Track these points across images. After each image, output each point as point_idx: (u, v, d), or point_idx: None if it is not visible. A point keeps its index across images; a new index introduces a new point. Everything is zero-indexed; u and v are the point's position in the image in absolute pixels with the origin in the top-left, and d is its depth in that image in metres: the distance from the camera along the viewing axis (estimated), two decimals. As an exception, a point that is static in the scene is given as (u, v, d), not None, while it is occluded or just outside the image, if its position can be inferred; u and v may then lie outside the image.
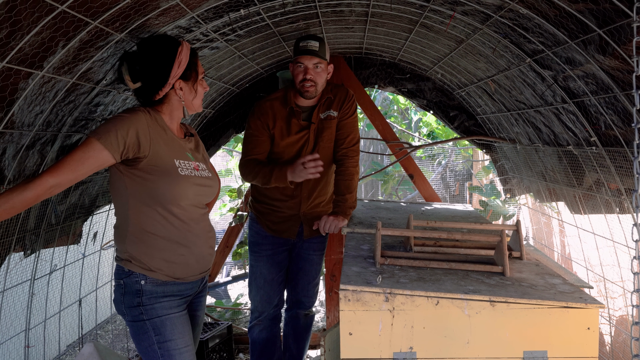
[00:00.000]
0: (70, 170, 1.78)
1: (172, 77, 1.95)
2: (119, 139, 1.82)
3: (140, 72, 1.95)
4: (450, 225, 2.36)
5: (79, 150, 1.80)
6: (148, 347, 1.95)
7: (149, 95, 1.98)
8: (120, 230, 1.98)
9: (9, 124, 1.88)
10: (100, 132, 1.82)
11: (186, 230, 1.99)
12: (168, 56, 1.95)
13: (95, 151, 1.80)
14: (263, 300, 3.01)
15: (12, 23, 1.51)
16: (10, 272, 2.53)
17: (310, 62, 2.69)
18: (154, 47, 1.97)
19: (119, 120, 1.85)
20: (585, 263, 3.64)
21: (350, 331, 1.79)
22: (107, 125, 1.84)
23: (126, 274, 1.95)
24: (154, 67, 1.94)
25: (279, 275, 3.01)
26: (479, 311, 1.77)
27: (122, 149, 1.84)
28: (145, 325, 1.94)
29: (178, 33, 2.38)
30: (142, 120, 1.89)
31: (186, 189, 1.96)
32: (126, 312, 1.97)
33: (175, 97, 2.00)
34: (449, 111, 4.12)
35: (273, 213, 2.92)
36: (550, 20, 2.04)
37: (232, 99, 4.05)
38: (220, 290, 5.91)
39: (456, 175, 9.20)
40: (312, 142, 2.84)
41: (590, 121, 2.43)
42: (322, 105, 2.82)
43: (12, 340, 2.93)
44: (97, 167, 1.84)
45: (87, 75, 2.11)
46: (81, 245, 3.25)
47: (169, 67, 1.94)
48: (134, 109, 1.93)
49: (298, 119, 2.79)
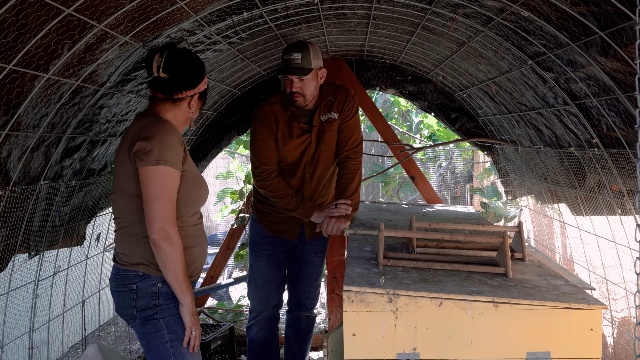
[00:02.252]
0: (172, 204, 1.93)
1: (199, 88, 2.12)
2: (178, 154, 1.95)
3: (176, 68, 2.05)
4: (453, 227, 2.37)
5: (162, 184, 1.90)
6: (160, 346, 1.97)
7: (171, 90, 2.05)
8: (132, 235, 2.00)
9: (15, 126, 1.90)
10: (163, 156, 1.90)
11: (196, 230, 2.09)
12: (202, 70, 2.14)
13: (175, 176, 1.93)
14: (261, 300, 3.00)
15: (19, 26, 1.53)
16: (14, 273, 2.54)
17: (294, 76, 2.66)
18: (195, 58, 2.15)
19: (170, 138, 1.93)
20: (587, 264, 3.64)
21: (353, 332, 1.80)
22: (162, 145, 1.90)
23: (140, 278, 1.97)
24: (191, 71, 2.09)
25: (278, 276, 3.00)
26: (482, 312, 1.77)
27: (182, 161, 1.98)
28: (159, 324, 1.97)
29: (182, 36, 2.39)
30: (177, 132, 2.00)
31: (206, 193, 2.12)
32: (138, 314, 1.98)
33: (185, 106, 2.11)
34: (450, 113, 4.13)
35: (274, 214, 2.92)
36: (552, 22, 2.05)
37: (234, 101, 4.06)
38: (222, 292, 5.91)
39: (457, 177, 9.20)
40: (314, 145, 2.83)
41: (592, 123, 2.44)
42: (323, 108, 2.81)
43: (17, 341, 2.94)
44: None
45: (92, 78, 2.13)
46: (84, 247, 3.26)
47: (200, 78, 2.12)
48: (166, 121, 2.01)
49: (299, 122, 2.78)
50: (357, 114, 2.91)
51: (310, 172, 2.84)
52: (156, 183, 1.88)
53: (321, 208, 2.77)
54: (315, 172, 2.84)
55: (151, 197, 1.88)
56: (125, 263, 2.00)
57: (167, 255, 1.89)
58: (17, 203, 2.19)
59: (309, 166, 2.83)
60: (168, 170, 1.89)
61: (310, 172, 2.84)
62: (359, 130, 2.90)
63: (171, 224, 1.90)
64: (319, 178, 2.88)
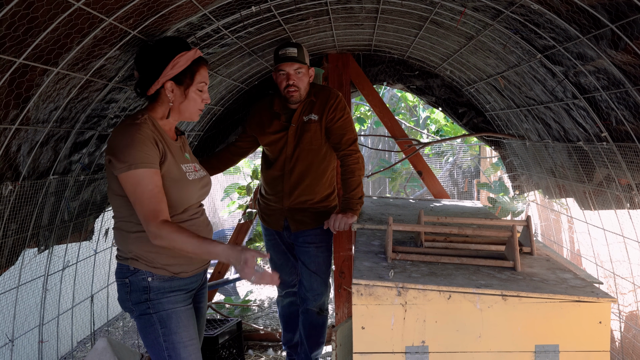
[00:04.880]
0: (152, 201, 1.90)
1: (163, 75, 2.01)
2: (150, 152, 1.92)
3: (140, 64, 2.05)
4: (461, 221, 2.37)
5: (135, 187, 1.89)
6: (154, 340, 2.00)
7: (143, 88, 2.06)
8: (123, 231, 2.04)
9: (25, 121, 1.90)
10: (132, 160, 1.88)
11: (189, 226, 2.06)
12: (165, 55, 2.01)
13: (147, 175, 1.91)
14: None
15: (29, 20, 1.53)
16: (24, 267, 2.56)
17: (291, 68, 2.89)
18: (157, 45, 2.05)
19: (136, 141, 1.91)
20: (595, 259, 3.63)
21: (362, 325, 1.80)
22: (128, 150, 1.89)
23: (131, 272, 2.01)
24: (149, 62, 2.03)
25: (283, 260, 3.28)
26: (491, 305, 1.77)
27: (159, 158, 1.96)
28: (152, 318, 2.00)
29: (189, 30, 2.39)
30: (148, 132, 1.96)
31: (194, 193, 2.08)
32: (134, 308, 2.02)
33: (165, 98, 2.05)
34: (458, 108, 4.11)
35: (266, 206, 3.19)
36: (562, 15, 2.04)
37: (241, 96, 4.06)
38: (230, 287, 5.93)
39: (464, 172, 9.18)
40: (293, 144, 3.01)
41: (601, 117, 2.42)
42: (304, 108, 2.99)
43: (27, 335, 2.96)
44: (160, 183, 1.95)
45: (101, 72, 2.13)
46: (93, 242, 3.28)
47: (162, 65, 2.00)
48: (135, 123, 1.97)
49: (279, 119, 3.03)
50: (346, 113, 3.00)
51: (289, 168, 3.04)
52: (131, 188, 1.91)
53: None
54: (295, 169, 3.03)
55: (133, 202, 1.92)
56: (120, 257, 2.06)
57: (172, 245, 1.89)
58: (26, 197, 2.20)
59: (289, 162, 3.04)
60: (138, 173, 1.89)
61: (289, 168, 3.04)
62: (350, 129, 3.01)
63: (154, 221, 1.89)
64: (300, 175, 3.04)
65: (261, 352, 4.17)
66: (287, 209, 3.09)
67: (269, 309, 5.54)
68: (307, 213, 3.08)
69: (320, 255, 3.14)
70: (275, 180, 3.08)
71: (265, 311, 5.48)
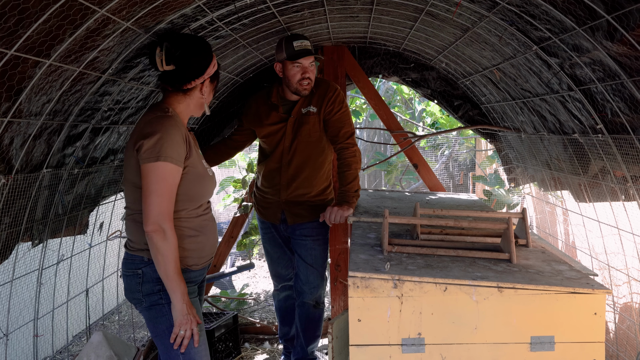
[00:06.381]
0: (169, 199, 1.93)
1: (207, 73, 2.09)
2: (180, 150, 1.94)
3: (178, 58, 2.04)
4: (457, 214, 2.37)
5: (159, 179, 1.90)
6: (165, 330, 2.01)
7: (179, 81, 2.05)
8: (137, 223, 2.04)
9: (17, 113, 1.89)
10: (163, 152, 1.90)
11: (202, 220, 2.11)
12: (208, 53, 2.10)
13: (174, 172, 1.93)
14: (274, 274, 3.40)
15: (20, 11, 1.51)
16: (18, 261, 2.55)
17: (307, 62, 2.90)
18: (198, 42, 2.10)
19: (171, 134, 1.93)
20: (590, 251, 3.64)
21: (359, 317, 1.80)
22: (164, 142, 1.91)
23: (145, 263, 2.02)
24: (195, 57, 2.06)
25: (279, 253, 3.30)
26: (487, 297, 1.78)
27: (184, 158, 1.98)
28: (164, 308, 2.01)
29: (183, 22, 2.37)
30: (180, 126, 2.00)
31: (212, 188, 2.15)
32: (144, 299, 2.02)
33: (198, 94, 2.10)
34: (453, 100, 4.11)
35: (262, 198, 3.17)
36: (557, 6, 2.03)
37: (236, 89, 4.04)
38: (225, 281, 5.93)
39: (460, 165, 9.18)
40: (291, 136, 3.00)
41: (596, 109, 2.42)
42: (303, 100, 2.98)
43: (22, 329, 2.95)
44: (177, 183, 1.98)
45: (94, 65, 2.11)
46: (88, 236, 3.26)
47: (207, 62, 2.09)
48: (168, 115, 1.99)
49: (277, 111, 3.01)
50: (344, 106, 3.00)
51: (287, 160, 3.03)
52: (154, 178, 1.90)
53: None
54: (293, 161, 3.03)
55: (148, 192, 1.91)
56: (133, 249, 2.06)
57: (159, 250, 1.91)
58: (19, 191, 2.18)
59: (287, 154, 3.03)
60: (167, 167, 1.91)
61: (287, 160, 3.03)
62: (348, 122, 3.01)
63: (166, 219, 1.91)
64: (297, 167, 3.03)
65: (257, 345, 4.17)
66: (284, 202, 3.08)
67: (265, 302, 5.55)
68: (304, 206, 3.07)
69: (316, 248, 3.14)
70: (273, 172, 3.07)
71: (262, 304, 5.49)
